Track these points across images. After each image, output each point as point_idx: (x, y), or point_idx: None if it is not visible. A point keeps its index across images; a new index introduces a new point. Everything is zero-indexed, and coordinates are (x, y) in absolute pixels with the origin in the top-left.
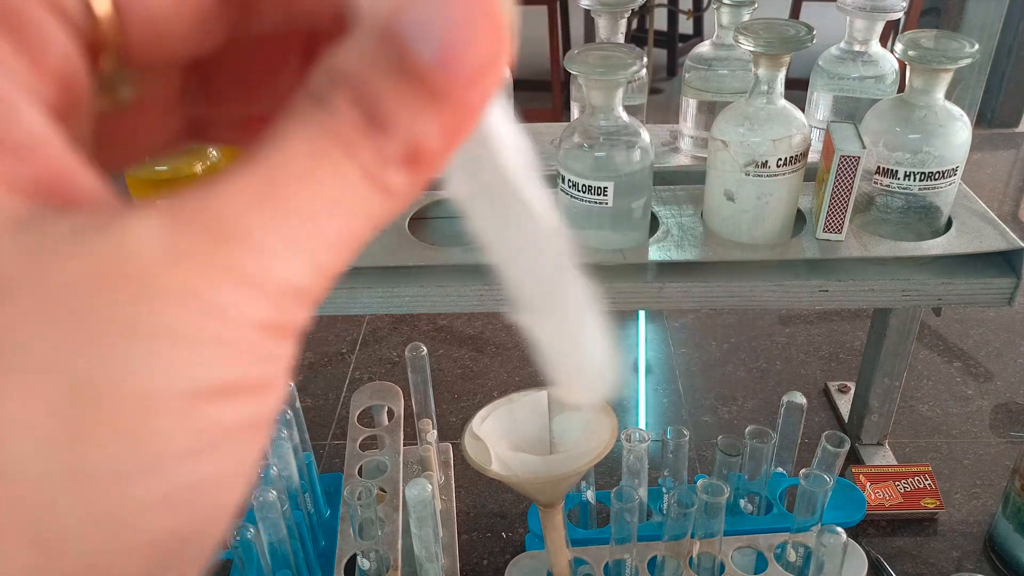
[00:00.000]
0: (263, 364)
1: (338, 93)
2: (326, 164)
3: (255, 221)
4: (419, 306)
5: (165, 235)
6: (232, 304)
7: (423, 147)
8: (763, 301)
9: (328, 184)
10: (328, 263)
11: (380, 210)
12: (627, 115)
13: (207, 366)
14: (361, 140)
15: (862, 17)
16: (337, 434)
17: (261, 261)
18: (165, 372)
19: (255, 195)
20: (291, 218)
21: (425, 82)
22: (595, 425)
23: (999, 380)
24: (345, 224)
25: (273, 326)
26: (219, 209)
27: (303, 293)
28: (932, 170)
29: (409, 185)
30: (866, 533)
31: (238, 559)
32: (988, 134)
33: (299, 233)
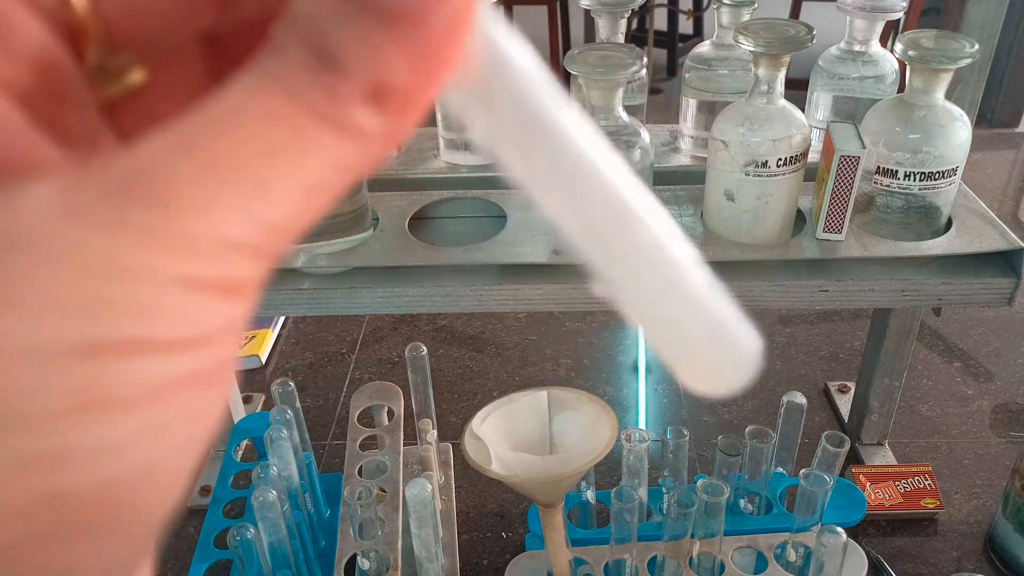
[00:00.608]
0: (185, 322)
1: (289, 36)
2: (263, 108)
3: (174, 175)
4: (419, 306)
5: (58, 193)
6: (130, 262)
7: (390, 83)
8: (763, 301)
9: (267, 129)
10: (280, 216)
11: (350, 154)
12: (627, 115)
13: (96, 324)
14: (307, 80)
15: (862, 17)
16: (337, 434)
17: (182, 217)
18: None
19: (174, 147)
20: (216, 167)
21: (378, 11)
22: (595, 425)
23: (999, 380)
24: (302, 172)
25: (200, 283)
26: (128, 165)
27: (245, 247)
28: (932, 170)
29: (383, 125)
30: (866, 533)
31: (238, 559)
32: (988, 134)
33: (227, 183)
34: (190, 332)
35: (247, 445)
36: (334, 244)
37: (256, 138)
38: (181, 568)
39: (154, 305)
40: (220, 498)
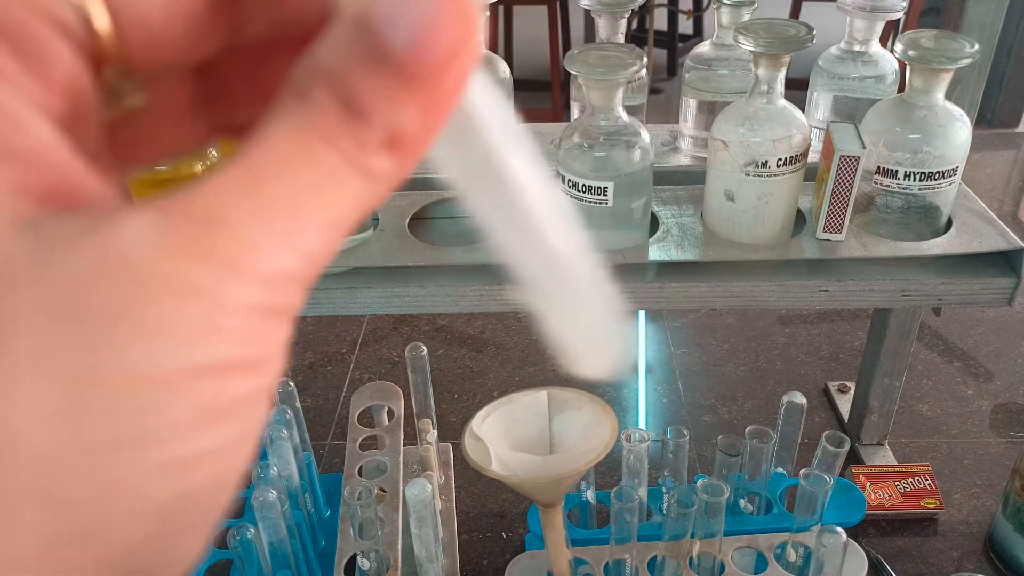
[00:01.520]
0: (256, 343)
1: (317, 86)
2: (307, 154)
3: (241, 211)
4: (419, 306)
5: (156, 230)
6: (222, 290)
7: (403, 132)
8: (763, 301)
9: (310, 173)
10: (316, 247)
11: (366, 194)
12: (627, 115)
13: (200, 348)
14: (341, 129)
15: (862, 17)
16: (337, 434)
17: (248, 248)
18: (159, 354)
19: (241, 187)
20: (275, 207)
21: (400, 69)
22: (595, 425)
23: (999, 380)
24: (331, 210)
25: (264, 308)
26: (207, 202)
27: (292, 276)
28: (932, 170)
29: (393, 168)
30: (866, 533)
31: (238, 559)
32: (988, 134)
33: (284, 220)
34: (262, 352)
35: None
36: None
37: (305, 181)
38: None
39: (241, 331)
40: None
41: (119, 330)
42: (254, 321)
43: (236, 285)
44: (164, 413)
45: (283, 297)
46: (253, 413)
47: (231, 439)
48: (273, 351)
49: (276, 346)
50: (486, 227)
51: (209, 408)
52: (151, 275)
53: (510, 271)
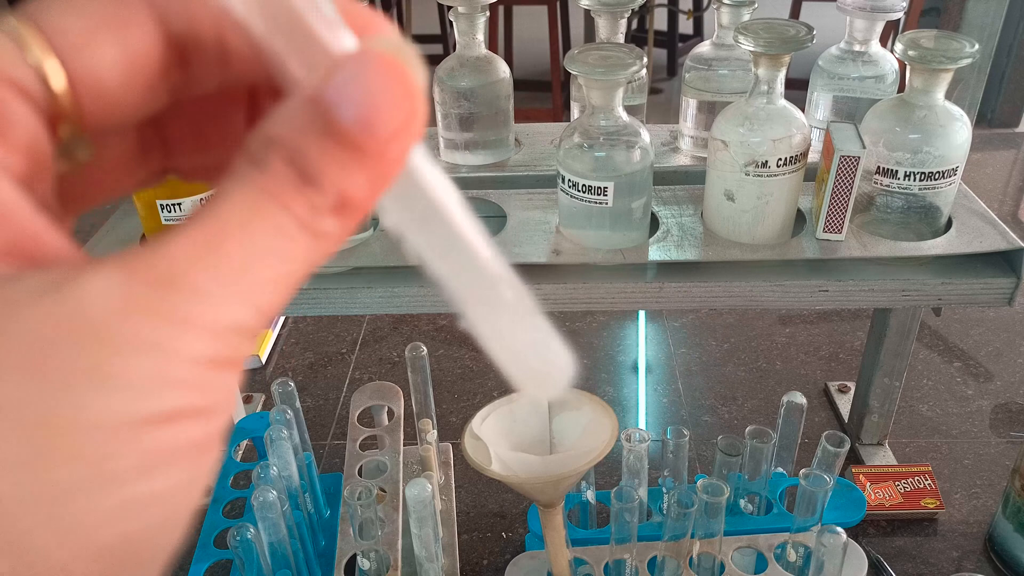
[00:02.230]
0: (205, 393)
1: (272, 155)
2: (261, 218)
3: (198, 272)
4: (419, 306)
5: (116, 289)
6: (175, 345)
7: (351, 197)
8: (763, 301)
9: (263, 235)
10: (267, 303)
11: (315, 253)
12: (627, 115)
13: (152, 399)
14: (294, 195)
15: (862, 17)
16: (337, 434)
17: (203, 306)
18: (113, 406)
19: (198, 248)
20: (230, 267)
21: (350, 142)
22: (595, 425)
23: (999, 380)
24: (282, 268)
25: (215, 361)
26: (165, 263)
27: (244, 330)
28: (932, 170)
29: (340, 229)
30: (866, 533)
31: (238, 559)
32: (988, 134)
33: (238, 279)
34: (212, 400)
35: (247, 445)
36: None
37: (258, 243)
38: (181, 568)
39: (192, 381)
40: (220, 498)
41: (78, 383)
42: (205, 372)
43: (189, 340)
44: (118, 458)
45: (233, 349)
46: (202, 457)
47: (180, 482)
48: (222, 399)
49: (225, 394)
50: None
51: (160, 453)
52: (110, 333)
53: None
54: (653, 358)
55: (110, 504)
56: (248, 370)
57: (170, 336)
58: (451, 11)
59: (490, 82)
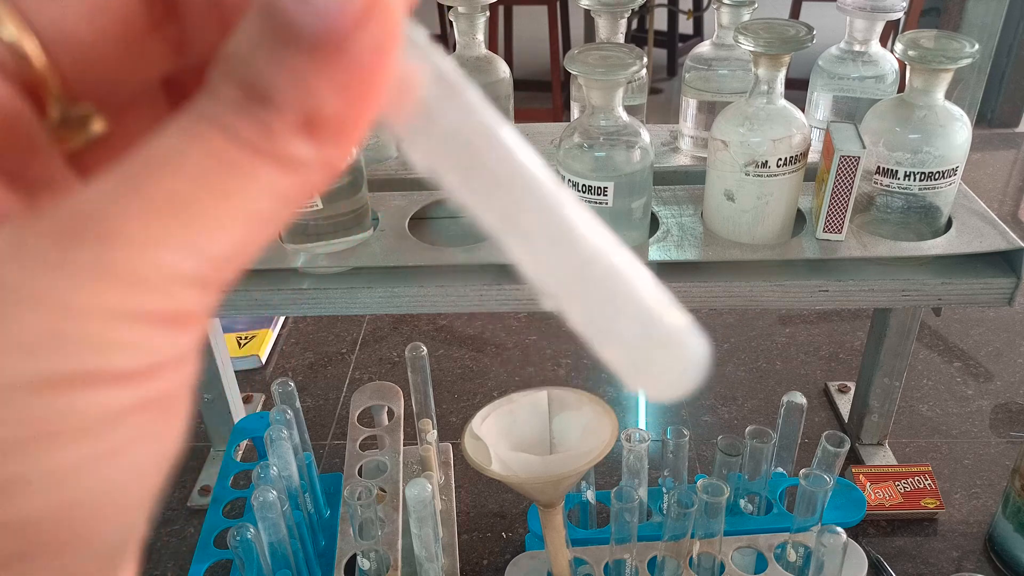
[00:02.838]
0: (134, 353)
1: (221, 77)
2: (199, 145)
3: (117, 215)
4: (419, 306)
5: (10, 236)
6: (84, 299)
7: (320, 112)
8: (763, 301)
9: (203, 165)
10: (219, 246)
11: (289, 184)
12: (627, 115)
13: (46, 360)
14: (239, 117)
15: (862, 17)
16: (337, 434)
17: (128, 255)
18: None
19: (116, 188)
20: (160, 205)
21: (301, 41)
22: (595, 425)
23: (999, 380)
24: (236, 203)
25: (150, 316)
26: (73, 207)
27: (188, 279)
28: (932, 170)
29: (318, 154)
30: (866, 533)
31: (238, 559)
32: (988, 134)
33: (177, 222)
34: (140, 363)
35: (247, 445)
36: (334, 244)
37: (195, 175)
38: (181, 568)
39: (103, 338)
40: (220, 498)
41: None
42: (130, 330)
43: (104, 293)
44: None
45: (180, 302)
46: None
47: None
48: (167, 360)
49: (173, 354)
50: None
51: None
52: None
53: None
54: None
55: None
56: (248, 370)
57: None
58: (451, 11)
59: (490, 82)
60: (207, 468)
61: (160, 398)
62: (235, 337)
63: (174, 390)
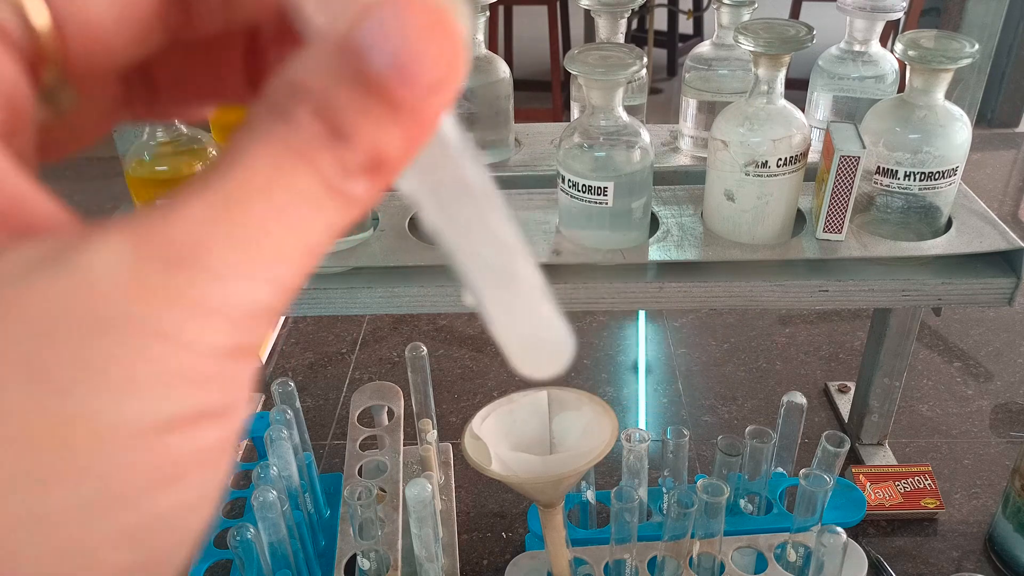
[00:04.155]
0: (225, 389)
1: (299, 106)
2: (286, 177)
3: (214, 245)
4: (419, 306)
5: (125, 266)
6: (193, 335)
7: (385, 156)
8: (763, 301)
9: (288, 198)
10: (289, 278)
11: (341, 219)
12: (627, 115)
13: (169, 399)
14: (323, 152)
15: (862, 17)
16: (337, 434)
17: (221, 287)
18: (126, 409)
19: (214, 216)
20: (250, 236)
21: (385, 93)
22: (595, 425)
23: (999, 380)
24: (306, 237)
25: (235, 350)
26: (179, 234)
27: (265, 312)
28: (932, 170)
29: (371, 192)
30: (866, 533)
31: (238, 559)
32: (988, 134)
33: (258, 253)
34: (232, 397)
35: (247, 445)
36: (334, 244)
37: (282, 209)
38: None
39: (210, 377)
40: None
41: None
42: (223, 365)
43: (208, 328)
44: (129, 474)
45: (252, 335)
46: (220, 462)
47: (195, 496)
48: (241, 394)
49: (244, 388)
50: (440, 236)
51: (175, 463)
52: (120, 319)
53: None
54: (653, 358)
55: (121, 526)
56: None
57: (187, 324)
58: None
59: (490, 82)
60: None
61: (236, 433)
62: None
63: (242, 424)
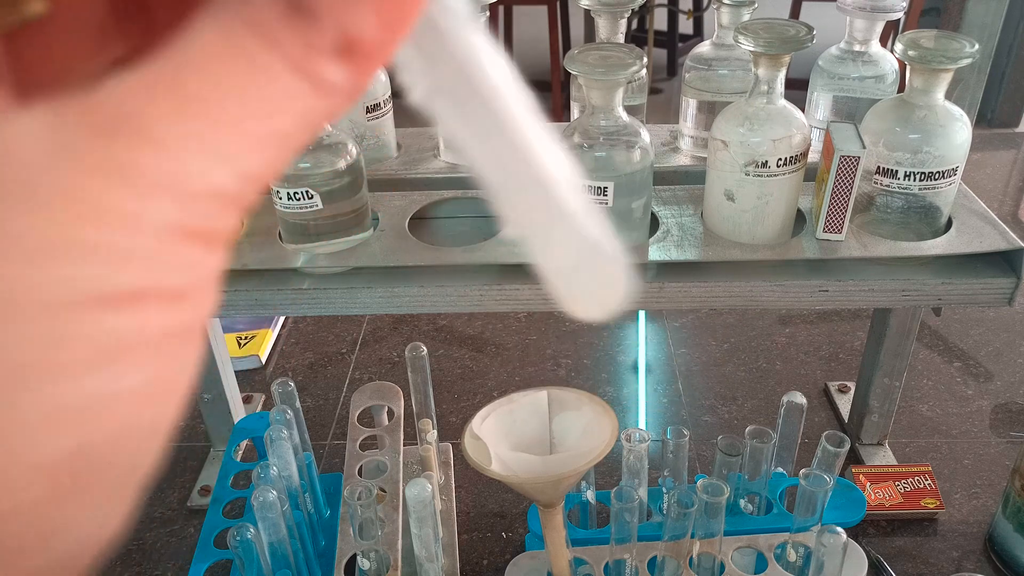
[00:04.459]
0: (176, 271)
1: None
2: (241, 54)
3: (157, 115)
4: (419, 306)
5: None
6: (129, 207)
7: (359, 38)
8: (763, 301)
9: (245, 76)
10: (251, 163)
11: (316, 106)
12: (627, 115)
13: (98, 274)
14: (284, 29)
15: (862, 17)
16: (337, 434)
17: (166, 160)
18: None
19: (157, 88)
20: (201, 113)
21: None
22: (595, 425)
23: (999, 380)
24: (272, 121)
25: (186, 230)
26: (114, 104)
27: (222, 195)
28: (932, 170)
29: (349, 80)
30: (866, 533)
31: (238, 559)
32: (988, 134)
33: (212, 130)
34: (182, 282)
35: (247, 445)
36: (334, 244)
37: (235, 82)
38: (181, 568)
39: (154, 254)
40: (220, 498)
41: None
42: (173, 245)
43: (151, 202)
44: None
45: (210, 219)
46: (175, 353)
47: (142, 378)
48: (199, 281)
49: (203, 276)
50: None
51: (120, 342)
52: (46, 189)
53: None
54: (653, 358)
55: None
56: (248, 370)
57: (126, 195)
58: None
59: None
60: (207, 468)
61: (193, 322)
62: (235, 337)
63: (203, 315)
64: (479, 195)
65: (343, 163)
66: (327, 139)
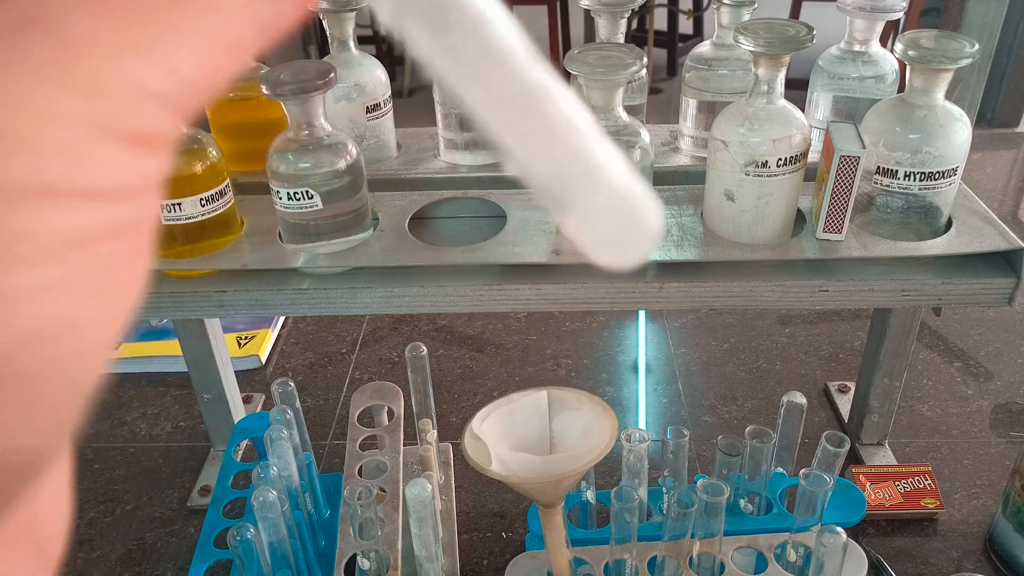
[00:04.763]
0: (102, 172)
1: None
2: None
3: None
4: (419, 306)
5: None
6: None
7: None
8: (763, 301)
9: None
10: (188, 66)
11: (268, 12)
12: (627, 115)
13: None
14: None
15: (862, 17)
16: (337, 434)
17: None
18: None
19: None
20: (128, 9)
21: None
22: (595, 425)
23: (999, 380)
24: (216, 23)
25: (112, 129)
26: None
27: (152, 98)
28: (932, 170)
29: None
30: (866, 533)
31: (238, 559)
32: (988, 134)
33: (138, 24)
34: (108, 183)
35: (247, 445)
36: (334, 244)
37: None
38: (181, 568)
39: (73, 150)
40: (220, 498)
41: None
42: (96, 143)
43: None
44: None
45: (148, 121)
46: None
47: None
48: (131, 184)
49: (136, 179)
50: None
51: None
52: None
53: (501, 146)
54: (653, 358)
55: None
56: (247, 370)
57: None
58: None
59: None
60: (207, 468)
61: (128, 226)
62: (235, 337)
63: (138, 220)
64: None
65: (343, 163)
66: (327, 139)
